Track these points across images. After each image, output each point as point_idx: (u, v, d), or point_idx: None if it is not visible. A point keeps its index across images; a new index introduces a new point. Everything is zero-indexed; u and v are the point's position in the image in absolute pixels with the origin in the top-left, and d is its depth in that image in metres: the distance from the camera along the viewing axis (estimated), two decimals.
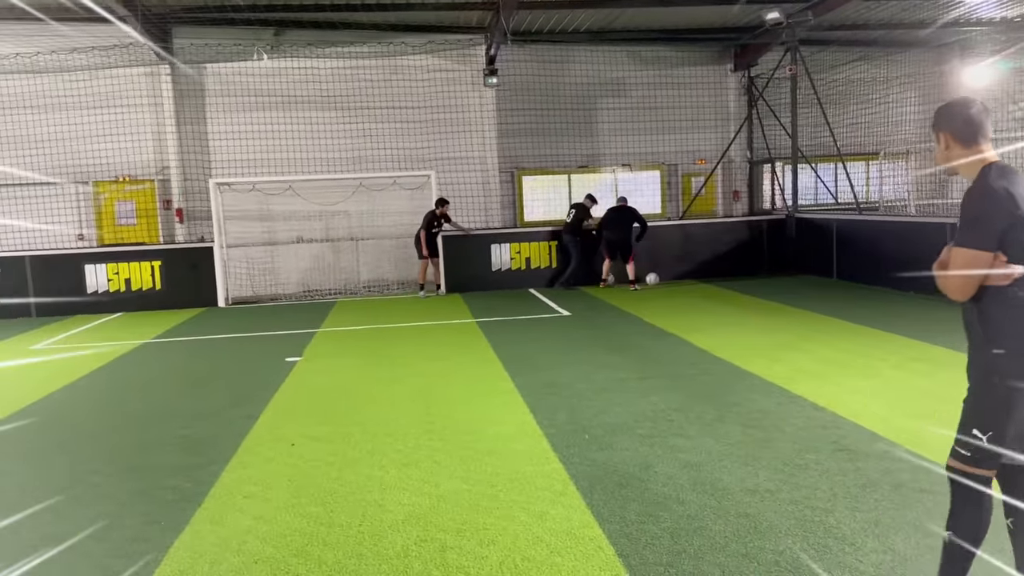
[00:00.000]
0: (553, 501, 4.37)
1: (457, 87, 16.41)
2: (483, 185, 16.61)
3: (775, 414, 5.84)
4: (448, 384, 7.26)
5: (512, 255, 14.67)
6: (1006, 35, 17.32)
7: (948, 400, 5.96)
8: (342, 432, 5.88)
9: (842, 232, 13.60)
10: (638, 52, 17.47)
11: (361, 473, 4.99)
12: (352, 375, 7.88)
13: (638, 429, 5.62)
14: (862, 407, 5.90)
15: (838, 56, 17.65)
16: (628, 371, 7.44)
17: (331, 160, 15.98)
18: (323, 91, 15.94)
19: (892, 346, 8.04)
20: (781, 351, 8.04)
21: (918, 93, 18.76)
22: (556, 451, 5.21)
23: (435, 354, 8.75)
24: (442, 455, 5.25)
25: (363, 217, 15.84)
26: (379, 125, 16.12)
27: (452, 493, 4.56)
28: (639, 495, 4.40)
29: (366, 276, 15.59)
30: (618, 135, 17.57)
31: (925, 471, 4.56)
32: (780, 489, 4.40)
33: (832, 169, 18.26)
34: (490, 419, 6.04)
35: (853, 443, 5.11)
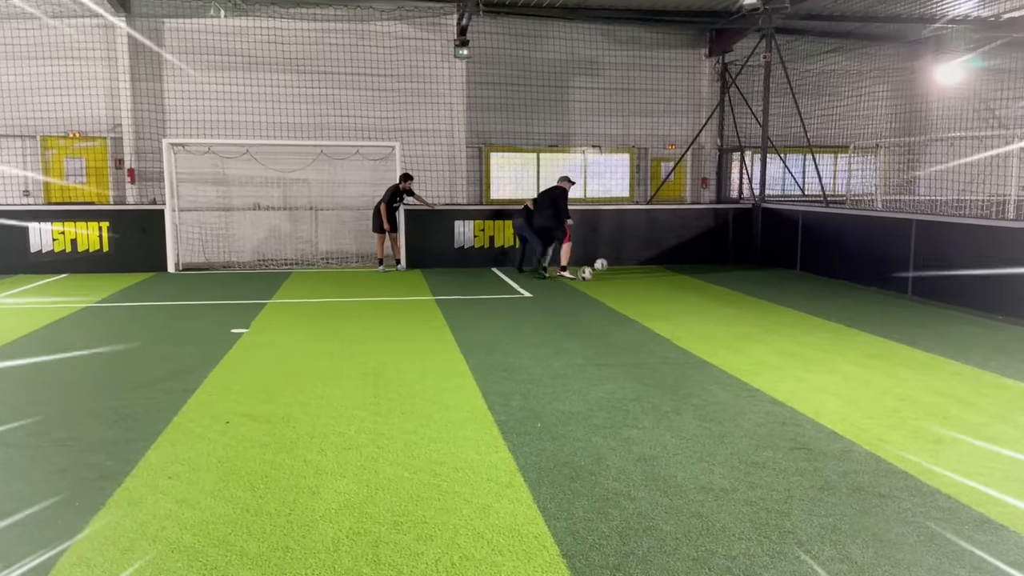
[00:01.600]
0: (498, 494, 4.14)
1: (426, 57, 15.97)
2: (449, 159, 16.23)
3: (733, 407, 5.67)
4: (400, 364, 6.98)
5: (476, 232, 14.38)
6: (980, 33, 17.33)
7: (907, 400, 5.85)
8: (282, 412, 5.58)
9: (808, 224, 13.52)
10: (613, 31, 17.15)
11: (297, 456, 4.70)
12: (300, 351, 7.56)
13: (593, 419, 5.40)
14: (821, 404, 5.75)
15: (812, 46, 17.54)
16: (586, 357, 7.23)
17: (292, 125, 15.47)
18: (286, 53, 15.40)
19: (852, 341, 7.93)
20: (742, 342, 7.89)
21: (889, 88, 18.78)
22: (506, 439, 4.97)
23: (390, 332, 8.46)
24: (386, 440, 4.98)
25: (323, 186, 15.38)
26: (343, 92, 15.62)
27: (392, 481, 4.30)
28: (589, 490, 4.18)
29: (324, 247, 15.18)
30: (589, 115, 17.28)
31: (885, 474, 4.40)
32: (735, 488, 4.21)
33: (800, 160, 18.21)
34: (440, 403, 5.78)
35: (811, 441, 4.95)
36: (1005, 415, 5.48)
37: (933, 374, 6.63)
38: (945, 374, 6.63)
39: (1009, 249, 9.24)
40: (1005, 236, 9.37)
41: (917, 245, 10.72)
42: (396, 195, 13.52)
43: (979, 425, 5.26)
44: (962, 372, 6.68)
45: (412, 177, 13.74)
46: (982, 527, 3.72)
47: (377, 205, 13.61)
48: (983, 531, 3.68)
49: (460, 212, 14.54)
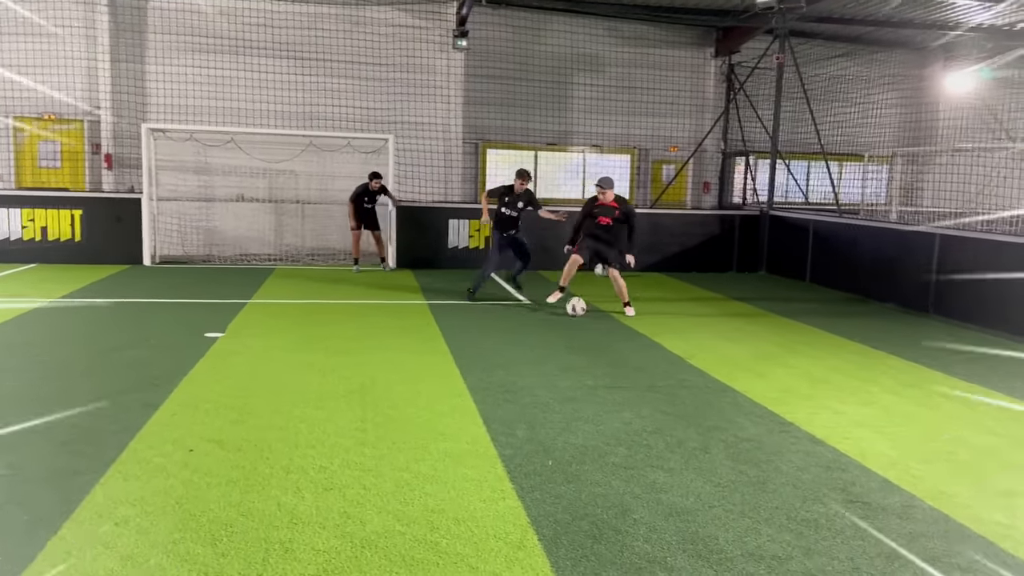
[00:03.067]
0: (509, 557, 3.46)
1: (423, 47, 15.23)
2: (445, 155, 15.51)
3: (768, 446, 5.02)
4: (390, 380, 6.28)
5: (471, 232, 13.67)
6: (992, 42, 16.80)
7: (959, 441, 5.22)
8: (255, 438, 4.87)
9: (819, 233, 12.91)
10: (617, 27, 16.48)
11: (270, 498, 4.00)
12: (279, 361, 6.84)
13: (611, 456, 4.73)
14: (867, 444, 5.10)
15: (820, 50, 16.96)
16: (596, 377, 6.56)
17: (279, 114, 14.68)
18: (276, 38, 14.61)
19: (882, 366, 7.30)
20: (763, 364, 7.24)
21: (899, 96, 18.22)
22: (513, 481, 4.29)
23: (379, 341, 7.75)
24: (374, 478, 4.28)
25: (311, 179, 14.61)
26: (335, 80, 14.85)
27: (381, 536, 3.62)
28: (616, 555, 3.51)
29: (310, 243, 14.41)
30: (590, 114, 16.59)
31: (959, 539, 3.76)
32: (789, 555, 3.55)
33: (804, 167, 17.63)
34: (436, 430, 5.09)
35: (865, 493, 4.30)
36: None
37: (977, 407, 6.01)
38: (991, 408, 6.01)
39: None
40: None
41: (940, 260, 10.11)
42: (364, 194, 12.65)
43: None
44: (1008, 407, 6.06)
45: (380, 176, 12.86)
46: None
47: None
48: None
49: (455, 211, 13.83)
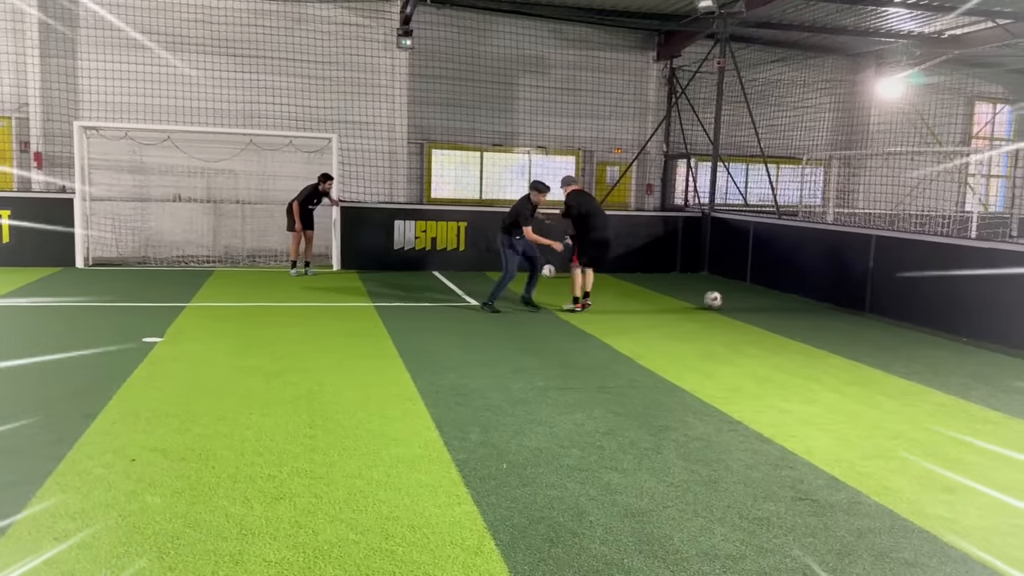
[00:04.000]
0: (466, 564, 3.41)
1: (367, 45, 15.04)
2: (389, 155, 15.34)
3: (718, 445, 5.08)
4: (339, 385, 6.16)
5: (417, 233, 13.56)
6: (921, 49, 17.41)
7: (901, 437, 5.37)
8: (200, 446, 4.72)
9: (759, 235, 13.18)
10: (561, 29, 16.56)
11: (217, 509, 3.88)
12: (222, 366, 6.66)
13: (564, 458, 4.72)
14: (812, 441, 5.21)
15: (760, 56, 17.34)
16: (547, 378, 6.55)
17: (218, 112, 14.31)
18: (214, 34, 14.24)
19: (824, 365, 7.48)
20: (710, 363, 7.35)
21: (834, 100, 18.75)
22: (468, 485, 4.25)
23: (325, 344, 7.61)
24: (325, 485, 4.19)
25: (252, 178, 14.30)
26: (276, 78, 14.56)
27: (334, 545, 3.53)
28: (574, 558, 3.50)
29: (251, 244, 14.11)
30: (535, 115, 16.64)
31: (904, 533, 3.86)
32: (743, 554, 3.59)
33: (744, 170, 17.99)
34: (388, 435, 5.01)
35: (813, 490, 4.38)
36: (1008, 457, 5.04)
37: (917, 405, 6.19)
38: (929, 405, 6.20)
39: (972, 268, 8.98)
40: (968, 255, 9.11)
41: (876, 261, 10.42)
42: (314, 196, 12.41)
43: (986, 469, 4.79)
44: (946, 403, 6.26)
45: (332, 178, 12.65)
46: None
47: (290, 203, 12.38)
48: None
49: (400, 211, 13.70)
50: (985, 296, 8.80)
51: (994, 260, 8.76)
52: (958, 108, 20.30)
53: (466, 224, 13.75)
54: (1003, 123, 21.60)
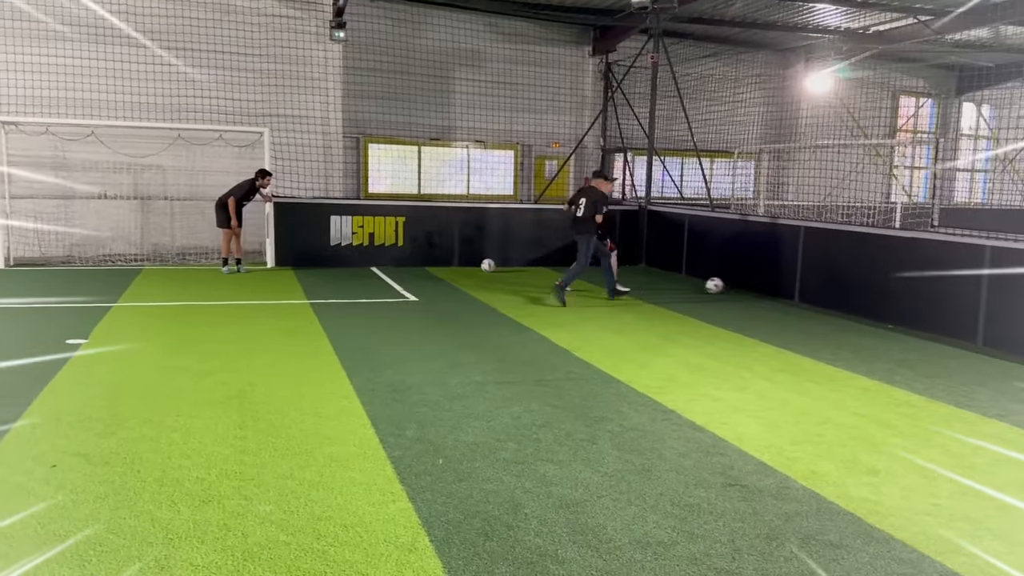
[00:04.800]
0: (400, 561, 3.38)
1: (299, 37, 14.75)
2: (324, 149, 15.10)
3: (652, 434, 5.15)
4: (271, 384, 6.05)
5: (355, 229, 13.39)
6: (848, 44, 17.92)
7: (828, 422, 5.52)
8: (125, 450, 4.58)
9: (693, 228, 13.40)
10: (497, 23, 16.54)
11: (143, 513, 3.76)
12: (149, 367, 6.47)
13: (501, 452, 4.72)
14: (743, 428, 5.32)
15: (691, 51, 17.63)
16: (485, 373, 6.55)
17: (145, 106, 13.83)
18: (139, 26, 13.76)
19: (755, 353, 7.65)
20: (646, 354, 7.44)
21: (765, 95, 19.17)
22: (403, 482, 4.21)
23: (258, 344, 7.46)
24: (255, 487, 4.11)
25: (180, 174, 13.89)
26: (205, 71, 14.16)
27: (264, 548, 3.46)
28: (508, 550, 3.50)
29: (181, 242, 13.75)
30: (473, 109, 16.58)
31: (830, 516, 3.97)
32: (675, 541, 3.65)
33: (677, 163, 18.27)
34: (321, 434, 4.94)
35: (743, 475, 4.48)
36: (928, 438, 5.23)
37: (843, 390, 6.38)
38: (854, 390, 6.39)
39: (896, 257, 9.29)
40: (892, 244, 9.42)
41: (805, 251, 10.70)
42: (252, 192, 12.19)
43: (908, 451, 4.96)
44: (871, 388, 6.47)
45: (271, 174, 12.45)
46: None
47: (223, 199, 12.13)
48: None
49: (337, 207, 13.51)
50: (908, 284, 9.11)
51: (916, 249, 9.08)
52: (883, 102, 20.98)
53: (404, 219, 13.64)
54: (926, 116, 22.40)
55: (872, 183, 19.04)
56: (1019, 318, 7.80)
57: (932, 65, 20.84)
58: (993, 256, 8.12)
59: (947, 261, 8.64)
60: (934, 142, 16.85)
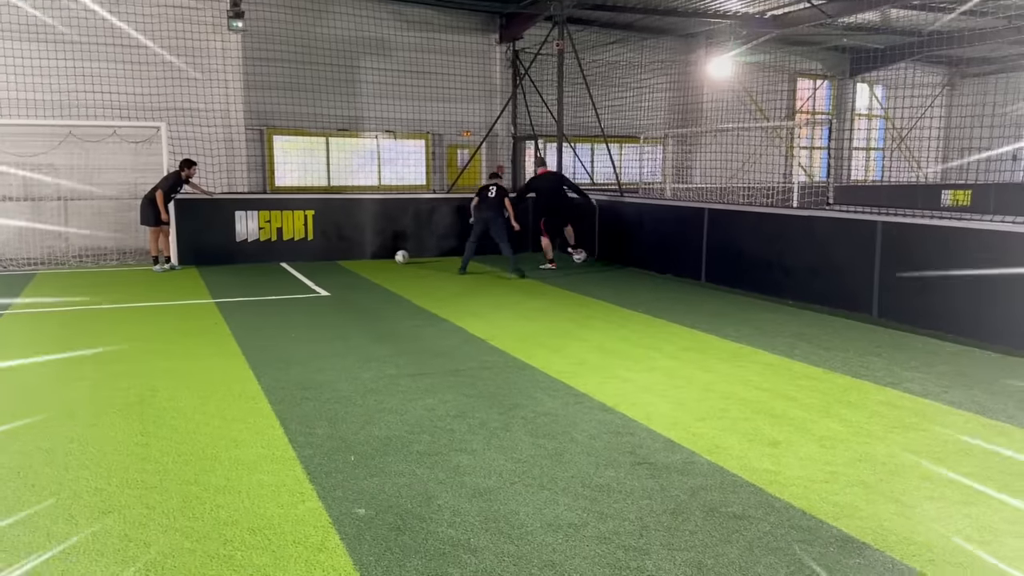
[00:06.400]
0: (309, 561, 3.34)
1: (194, 28, 14.23)
2: (226, 143, 14.65)
3: (564, 418, 5.22)
4: (175, 389, 5.86)
5: (261, 224, 13.05)
6: (747, 29, 18.46)
7: (732, 397, 5.71)
8: (17, 463, 4.36)
9: (604, 212, 13.61)
10: (402, 11, 16.34)
11: (37, 529, 3.60)
12: (43, 376, 6.17)
13: (414, 444, 4.71)
14: (651, 407, 5.45)
15: (597, 37, 17.83)
16: (399, 366, 6.51)
17: (31, 102, 13.08)
18: (21, 18, 13.04)
19: (664, 333, 7.85)
20: (559, 339, 7.53)
21: (669, 80, 19.57)
22: (313, 481, 4.16)
23: (160, 346, 7.21)
24: (158, 495, 3.98)
25: (74, 173, 13.24)
26: (95, 64, 13.49)
27: (167, 557, 3.36)
28: (421, 543, 3.50)
29: (77, 243, 13.13)
30: (381, 99, 16.35)
31: (733, 488, 4.11)
32: (585, 522, 3.72)
33: (588, 150, 18.49)
34: (228, 438, 4.82)
35: (651, 453, 4.59)
36: (827, 408, 5.47)
37: (747, 366, 6.61)
38: (758, 365, 6.63)
39: (793, 235, 9.67)
40: (790, 223, 9.79)
41: (709, 233, 11.01)
42: (178, 184, 11.85)
43: (807, 422, 5.19)
44: (773, 363, 6.72)
45: (195, 163, 12.11)
46: (847, 548, 3.48)
47: (150, 195, 11.77)
48: (849, 553, 3.43)
49: (242, 202, 13.14)
50: (805, 259, 9.49)
51: (813, 226, 9.46)
52: (782, 85, 21.71)
53: (314, 212, 13.39)
54: (822, 97, 23.31)
55: (773, 164, 19.73)
56: (910, 288, 8.23)
57: (827, 48, 21.66)
58: (885, 230, 8.53)
59: (841, 237, 9.04)
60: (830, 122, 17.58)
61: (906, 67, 21.82)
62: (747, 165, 16.73)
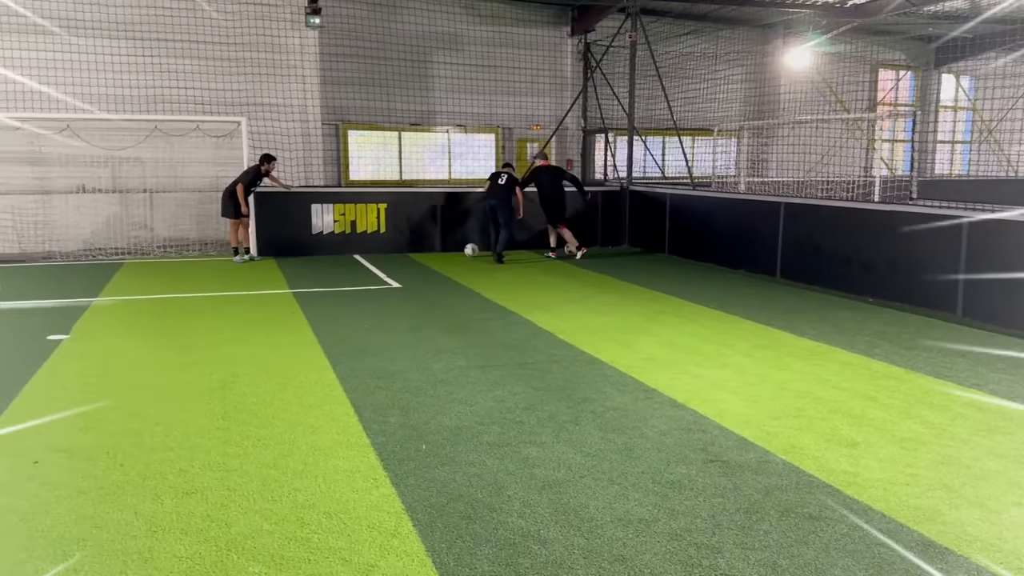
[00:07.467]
0: (383, 546, 3.41)
1: (274, 25, 14.62)
2: (303, 137, 15.02)
3: (634, 413, 5.19)
4: (254, 375, 6.04)
5: (336, 217, 13.33)
6: (826, 19, 17.92)
7: (808, 396, 5.58)
8: (107, 444, 4.57)
9: (675, 207, 13.43)
10: (474, 5, 16.45)
11: (126, 507, 3.77)
12: (131, 361, 6.45)
13: (484, 435, 4.75)
14: (723, 404, 5.37)
15: (671, 29, 17.57)
16: (468, 358, 6.57)
17: (120, 98, 13.70)
18: (112, 16, 13.61)
19: (736, 330, 7.70)
20: (629, 334, 7.48)
21: (744, 71, 19.17)
22: (387, 468, 4.24)
23: (240, 335, 7.44)
24: (238, 477, 4.12)
25: (159, 166, 13.79)
26: (181, 61, 14.01)
27: (247, 537, 3.48)
28: (491, 532, 3.54)
29: (162, 234, 13.66)
30: (453, 93, 16.51)
31: (809, 489, 4.02)
32: (655, 518, 3.69)
33: (659, 143, 18.27)
34: (305, 423, 4.95)
35: (723, 451, 4.52)
36: (908, 410, 5.29)
37: (823, 364, 6.44)
38: (836, 364, 6.45)
39: (874, 230, 9.36)
40: (871, 218, 9.49)
41: (786, 227, 10.76)
42: (258, 177, 12.22)
43: (887, 423, 5.03)
44: (852, 362, 6.53)
45: (274, 159, 12.45)
46: (928, 553, 3.37)
47: (230, 188, 12.17)
48: (932, 559, 3.32)
49: (317, 195, 13.44)
50: (886, 256, 9.18)
51: (895, 222, 9.14)
52: (863, 75, 21.02)
53: (386, 206, 13.59)
54: (906, 89, 22.47)
55: (852, 157, 19.13)
56: (996, 288, 7.89)
57: (910, 38, 20.87)
58: (971, 227, 8.19)
59: (925, 233, 8.71)
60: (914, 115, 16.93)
61: (996, 57, 20.84)
62: (825, 158, 16.26)
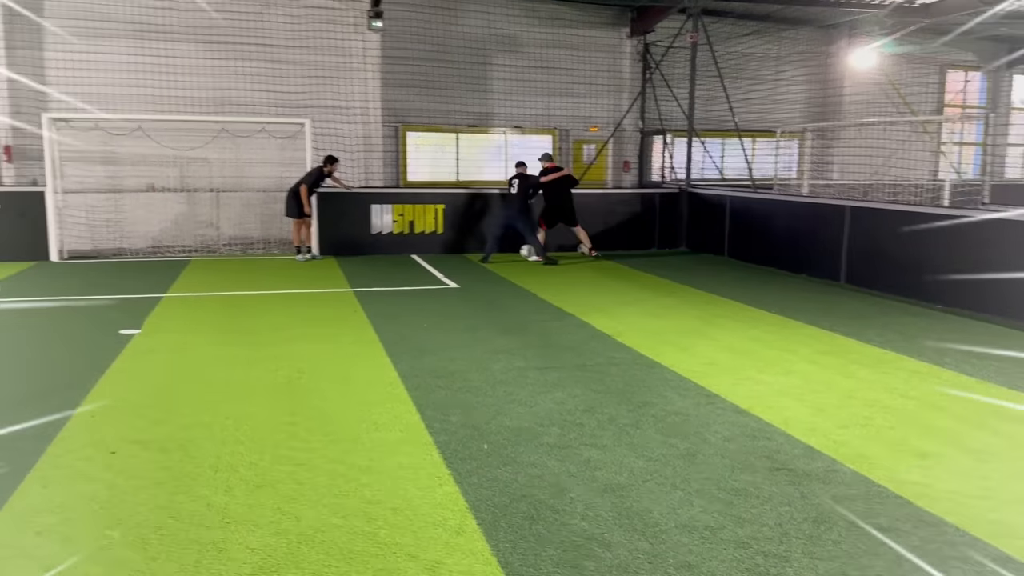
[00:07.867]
0: (448, 543, 3.45)
1: (337, 28, 14.88)
2: (364, 139, 15.25)
3: (695, 418, 5.14)
4: (319, 372, 6.17)
5: (395, 217, 13.50)
6: (893, 19, 17.47)
7: (876, 405, 5.45)
8: (180, 436, 4.72)
9: (735, 209, 13.25)
10: (533, 7, 16.48)
11: (199, 498, 3.89)
12: (200, 356, 6.64)
13: (545, 436, 4.77)
14: (789, 412, 5.29)
15: (733, 29, 17.34)
16: (527, 359, 6.59)
17: (189, 100, 14.12)
18: (182, 21, 14.02)
19: (799, 335, 7.57)
20: (688, 338, 7.41)
21: (807, 72, 18.81)
22: (450, 467, 4.29)
23: (304, 331, 7.60)
24: (307, 472, 4.21)
25: (225, 166, 14.15)
26: (246, 64, 14.37)
27: (317, 531, 3.56)
28: (555, 533, 3.55)
29: (227, 232, 14.01)
30: (510, 95, 16.57)
31: (879, 500, 3.94)
32: (721, 525, 3.66)
33: (718, 144, 18.04)
34: (369, 419, 5.04)
35: (790, 459, 4.46)
36: (981, 421, 5.14)
37: (891, 372, 6.29)
38: (904, 372, 6.30)
39: (944, 235, 9.09)
40: (941, 223, 9.22)
41: (851, 231, 10.52)
42: (320, 178, 12.48)
43: (959, 434, 4.89)
44: (920, 370, 6.37)
45: (337, 160, 12.68)
46: (1008, 569, 3.27)
47: (294, 188, 12.43)
48: (1011, 574, 3.22)
49: (377, 195, 13.63)
50: (957, 263, 8.91)
51: (966, 227, 8.87)
52: (931, 76, 20.44)
53: (444, 206, 13.71)
54: (975, 90, 21.76)
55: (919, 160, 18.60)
56: None
57: (981, 38, 20.19)
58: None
59: (998, 239, 8.43)
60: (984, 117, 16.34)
61: None
62: (891, 161, 15.87)
